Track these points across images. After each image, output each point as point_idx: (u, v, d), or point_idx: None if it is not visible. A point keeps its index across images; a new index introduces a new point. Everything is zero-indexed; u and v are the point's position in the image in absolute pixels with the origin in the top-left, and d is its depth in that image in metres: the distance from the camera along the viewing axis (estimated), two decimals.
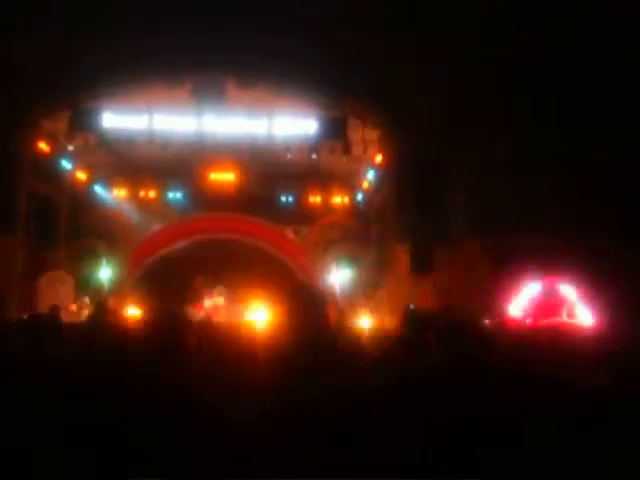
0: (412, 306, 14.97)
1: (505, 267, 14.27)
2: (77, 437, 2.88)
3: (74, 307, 17.16)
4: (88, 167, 20.21)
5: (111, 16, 13.47)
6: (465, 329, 3.64)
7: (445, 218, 15.52)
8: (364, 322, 16.73)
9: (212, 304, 20.05)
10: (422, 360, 3.76)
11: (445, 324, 3.63)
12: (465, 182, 14.77)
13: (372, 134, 18.42)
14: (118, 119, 17.94)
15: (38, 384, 3.28)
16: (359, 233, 21.51)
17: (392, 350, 4.34)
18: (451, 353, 3.36)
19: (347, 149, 18.74)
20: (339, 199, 21.76)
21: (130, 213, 21.59)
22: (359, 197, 21.52)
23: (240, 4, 13.92)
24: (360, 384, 3.34)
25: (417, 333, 3.73)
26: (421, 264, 15.94)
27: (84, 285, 18.96)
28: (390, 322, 15.60)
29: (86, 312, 16.80)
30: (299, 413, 2.71)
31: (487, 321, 13.33)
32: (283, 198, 21.18)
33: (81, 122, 17.82)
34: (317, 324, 3.14)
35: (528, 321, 13.45)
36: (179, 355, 3.29)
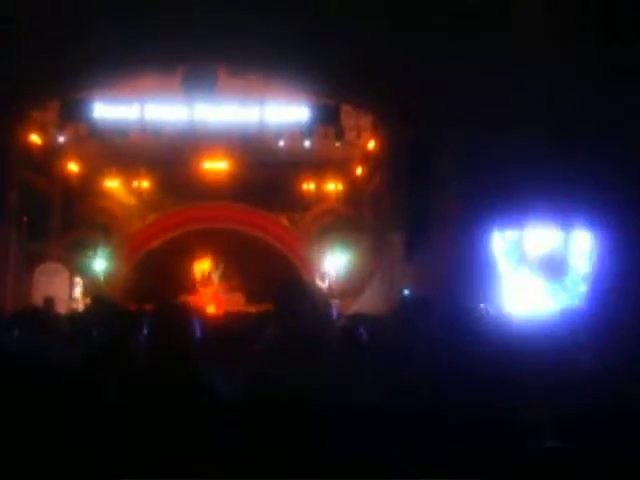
0: (407, 291, 15.01)
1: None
2: (72, 433, 2.87)
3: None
4: (80, 158, 20.13)
5: (100, 5, 13.36)
6: (466, 315, 3.62)
7: (440, 203, 15.51)
8: (359, 308, 16.75)
9: (208, 293, 20.08)
10: (419, 351, 3.76)
11: (448, 310, 3.61)
12: (460, 167, 14.76)
13: (365, 120, 18.39)
14: (109, 109, 17.85)
15: (32, 378, 3.25)
16: (353, 219, 21.52)
17: (386, 338, 4.33)
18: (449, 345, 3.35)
19: (340, 135, 18.69)
20: (333, 186, 21.75)
21: (124, 203, 21.54)
22: (353, 183, 21.49)
23: None
24: (355, 378, 3.33)
25: (414, 317, 3.71)
26: (416, 249, 15.95)
27: (79, 277, 18.91)
28: (385, 308, 15.61)
29: (81, 304, 16.81)
30: (293, 411, 2.69)
31: (483, 305, 13.36)
32: (276, 185, 21.13)
33: (72, 113, 17.72)
34: (310, 314, 3.11)
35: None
36: (178, 345, 3.26)
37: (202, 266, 20.64)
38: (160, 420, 2.82)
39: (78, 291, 18.06)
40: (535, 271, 14.64)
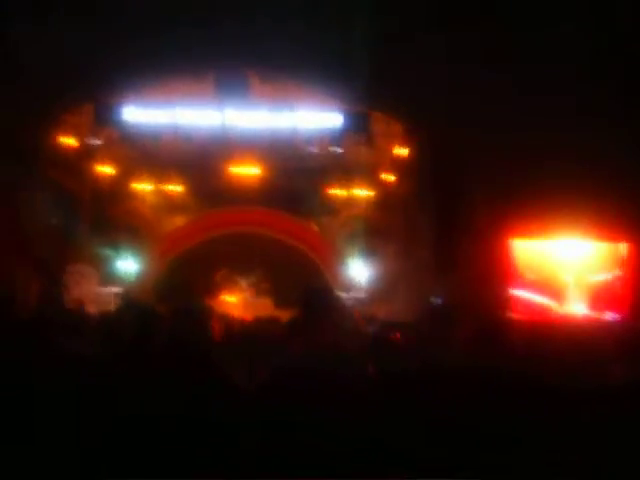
0: (436, 299, 14.91)
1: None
2: (95, 429, 2.90)
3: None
4: (112, 161, 20.33)
5: (134, 10, 13.51)
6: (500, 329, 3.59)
7: (469, 211, 15.41)
8: (386, 315, 16.66)
9: (236, 297, 20.14)
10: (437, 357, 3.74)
11: (484, 323, 3.58)
12: (489, 175, 14.67)
13: (396, 127, 18.34)
14: (141, 113, 18.01)
15: (67, 379, 3.29)
16: (382, 226, 21.44)
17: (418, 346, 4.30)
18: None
19: (370, 142, 18.65)
20: (362, 192, 21.70)
21: (154, 207, 21.70)
22: (382, 190, 21.42)
23: None
24: (367, 380, 3.32)
25: (444, 328, 3.68)
26: (444, 257, 15.85)
27: (108, 279, 19.10)
28: (412, 315, 15.50)
29: (111, 306, 16.95)
30: (314, 407, 2.68)
31: (510, 315, 13.26)
32: (306, 191, 21.12)
33: (104, 116, 17.92)
34: (337, 322, 3.10)
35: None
36: (199, 343, 3.28)
37: (230, 271, 20.71)
38: (181, 417, 2.84)
39: (108, 292, 18.23)
40: (564, 280, 14.52)
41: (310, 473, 2.48)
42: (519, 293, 14.39)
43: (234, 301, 19.82)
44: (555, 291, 14.45)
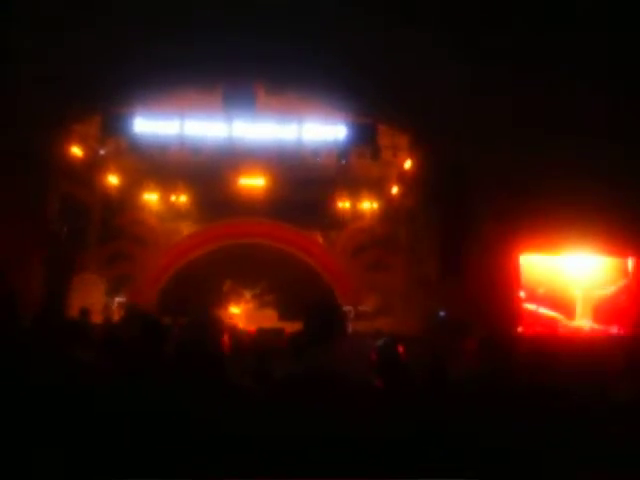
0: (442, 313, 14.88)
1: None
2: (105, 434, 2.91)
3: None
4: (119, 171, 20.42)
5: (144, 23, 13.61)
6: (506, 343, 3.58)
7: (475, 225, 15.40)
8: (392, 328, 16.61)
9: (240, 309, 20.12)
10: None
11: (488, 337, 3.57)
12: (496, 189, 14.66)
13: (401, 139, 18.37)
14: (149, 124, 18.08)
15: (69, 386, 3.30)
16: (388, 238, 21.44)
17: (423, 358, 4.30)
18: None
19: (376, 154, 18.67)
20: (368, 204, 21.74)
21: (161, 217, 21.76)
22: (388, 202, 21.45)
23: (270, 13, 14.00)
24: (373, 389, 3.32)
25: (451, 340, 3.68)
26: (450, 270, 15.82)
27: (115, 288, 19.11)
28: (418, 328, 15.50)
29: (116, 315, 16.97)
30: (319, 410, 2.69)
31: (519, 329, 13.22)
32: (312, 203, 21.16)
33: (113, 126, 17.98)
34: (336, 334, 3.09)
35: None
36: (210, 351, 3.30)
37: (235, 281, 20.70)
38: (192, 420, 2.86)
39: (114, 302, 18.26)
40: (572, 294, 14.47)
41: (314, 474, 2.49)
42: (527, 307, 14.35)
43: (238, 312, 19.81)
44: (563, 305, 14.42)
